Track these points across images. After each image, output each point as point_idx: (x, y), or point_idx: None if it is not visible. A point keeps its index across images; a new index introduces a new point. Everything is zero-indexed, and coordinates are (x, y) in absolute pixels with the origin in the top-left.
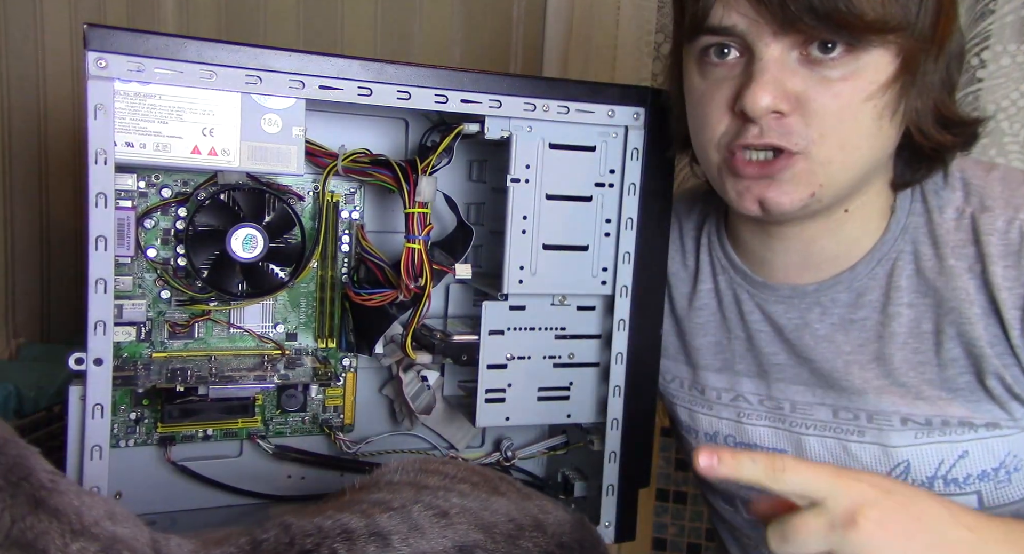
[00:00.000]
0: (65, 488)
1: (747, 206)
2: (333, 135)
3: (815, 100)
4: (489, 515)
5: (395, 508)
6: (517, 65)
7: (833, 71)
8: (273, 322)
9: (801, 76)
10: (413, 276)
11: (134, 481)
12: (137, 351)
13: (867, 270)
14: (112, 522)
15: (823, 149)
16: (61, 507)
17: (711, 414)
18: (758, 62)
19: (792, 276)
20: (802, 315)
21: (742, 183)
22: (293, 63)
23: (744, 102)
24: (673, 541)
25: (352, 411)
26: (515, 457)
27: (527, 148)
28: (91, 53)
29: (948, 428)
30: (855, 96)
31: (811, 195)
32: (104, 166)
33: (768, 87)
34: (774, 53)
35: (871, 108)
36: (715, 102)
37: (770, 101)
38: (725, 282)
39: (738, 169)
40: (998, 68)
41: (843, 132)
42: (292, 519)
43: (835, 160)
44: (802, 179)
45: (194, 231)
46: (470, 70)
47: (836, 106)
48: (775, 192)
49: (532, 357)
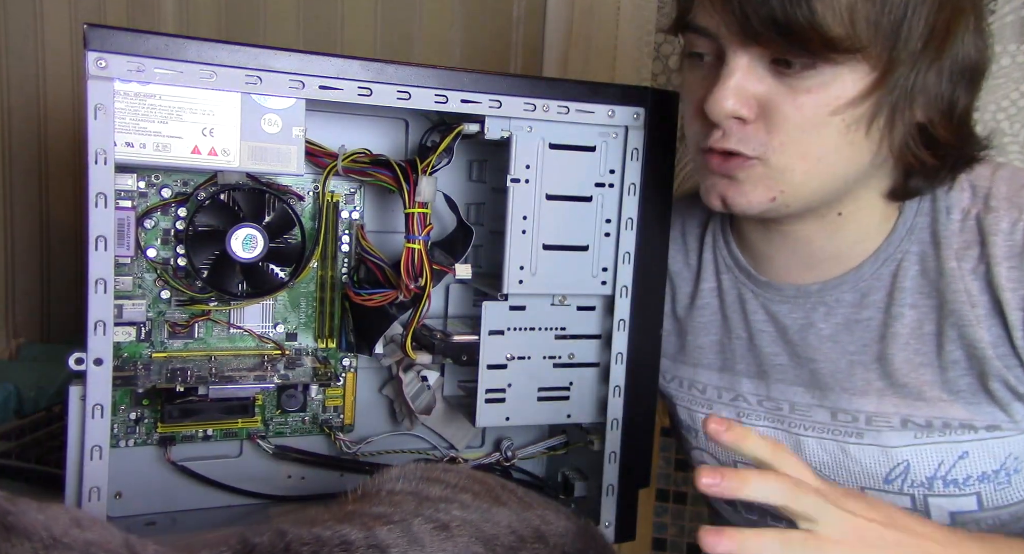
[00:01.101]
0: (26, 507)
1: (712, 201)
2: (333, 135)
3: (778, 110)
4: (490, 527)
5: (395, 521)
6: (517, 65)
7: (800, 82)
8: (273, 322)
9: (767, 84)
10: (413, 276)
11: (134, 481)
12: (137, 351)
13: (872, 270)
14: (80, 529)
15: (782, 157)
16: (29, 526)
17: (710, 414)
18: (725, 67)
19: (796, 276)
20: (807, 315)
21: (709, 180)
22: (293, 63)
23: (706, 105)
24: (673, 541)
25: (352, 411)
26: (515, 457)
27: (527, 148)
28: (91, 53)
29: (948, 430)
30: (820, 109)
31: (771, 199)
32: (104, 166)
33: (730, 92)
34: (742, 61)
35: (838, 122)
36: (690, 100)
37: (731, 106)
38: (729, 281)
39: (708, 165)
40: (998, 68)
41: (805, 143)
42: (288, 527)
43: (795, 169)
44: (759, 183)
45: (194, 231)
46: (470, 70)
47: (799, 117)
48: (734, 192)
49: (532, 357)
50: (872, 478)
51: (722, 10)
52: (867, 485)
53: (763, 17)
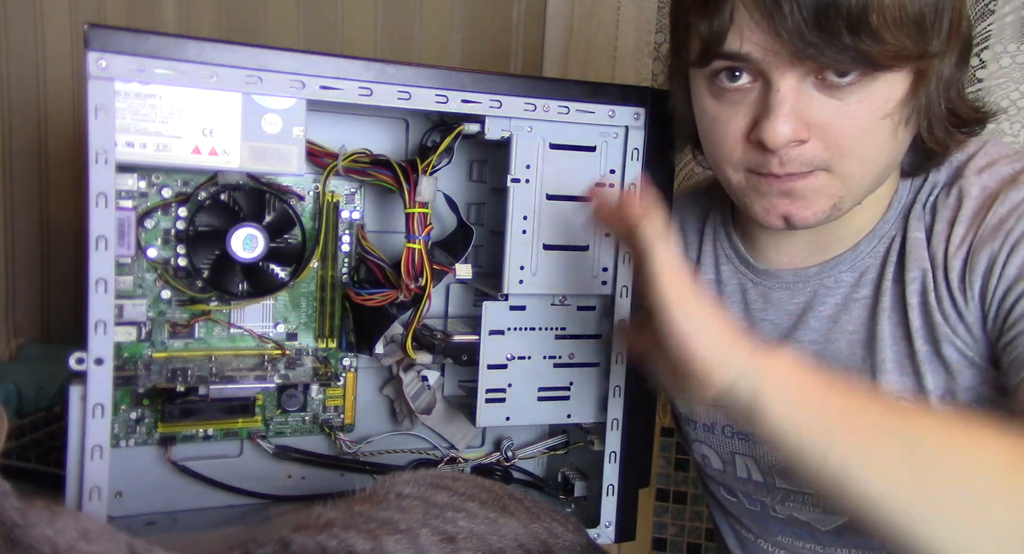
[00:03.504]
0: (35, 519)
1: (772, 222)
2: (333, 135)
3: (833, 125)
4: (497, 540)
5: (402, 531)
6: (517, 65)
7: (850, 95)
8: (273, 322)
9: (818, 102)
10: (413, 276)
11: (134, 481)
12: (138, 351)
13: (869, 248)
14: (87, 542)
15: (843, 165)
16: (34, 541)
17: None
18: (775, 93)
19: (798, 260)
20: (807, 299)
21: (766, 200)
22: (293, 63)
23: (763, 135)
24: (673, 541)
25: (352, 411)
26: (515, 457)
27: (527, 148)
28: (92, 53)
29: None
30: (873, 116)
31: (832, 206)
32: (104, 166)
33: (788, 119)
34: (790, 82)
35: (888, 123)
36: (730, 128)
37: (790, 133)
38: (729, 272)
39: (761, 186)
40: (998, 68)
41: (861, 150)
42: (292, 535)
43: (855, 174)
44: (823, 192)
45: (194, 231)
46: (470, 70)
47: (855, 128)
48: (798, 208)
49: (532, 357)
50: None
51: (766, 31)
52: None
53: (820, 35)
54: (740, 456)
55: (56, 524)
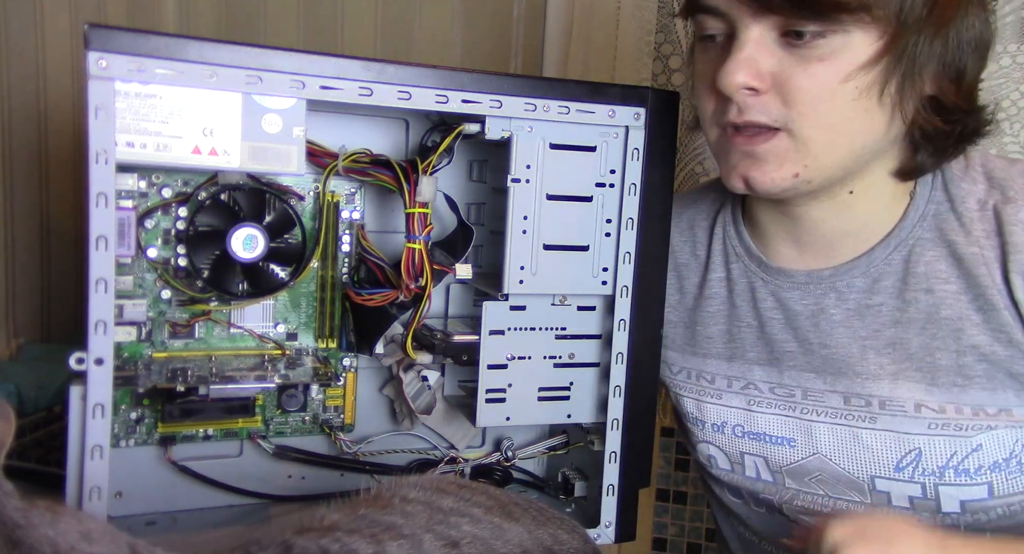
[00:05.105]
0: (37, 520)
1: (734, 183)
2: (334, 135)
3: (791, 80)
4: (501, 545)
5: (406, 535)
6: (517, 65)
7: (811, 51)
8: (273, 322)
9: (778, 56)
10: (413, 276)
11: (134, 481)
12: (138, 351)
13: (884, 255)
14: (88, 543)
15: (804, 127)
16: (36, 542)
17: (720, 403)
18: (736, 41)
19: (808, 261)
20: (818, 301)
21: (730, 162)
22: (294, 63)
23: (718, 78)
24: (673, 541)
25: (352, 411)
26: (515, 457)
27: (527, 148)
28: (92, 53)
29: (961, 418)
30: (832, 76)
31: (795, 175)
32: (105, 166)
33: (740, 65)
34: (753, 33)
35: (851, 88)
36: (705, 81)
37: (741, 79)
38: (739, 270)
39: (727, 145)
40: (998, 68)
41: (821, 111)
42: (295, 538)
43: (818, 139)
44: (785, 157)
45: (195, 231)
46: (470, 70)
47: (812, 86)
48: (758, 172)
49: (532, 357)
50: (883, 466)
51: None
52: (878, 473)
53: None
54: (750, 456)
55: (58, 525)
